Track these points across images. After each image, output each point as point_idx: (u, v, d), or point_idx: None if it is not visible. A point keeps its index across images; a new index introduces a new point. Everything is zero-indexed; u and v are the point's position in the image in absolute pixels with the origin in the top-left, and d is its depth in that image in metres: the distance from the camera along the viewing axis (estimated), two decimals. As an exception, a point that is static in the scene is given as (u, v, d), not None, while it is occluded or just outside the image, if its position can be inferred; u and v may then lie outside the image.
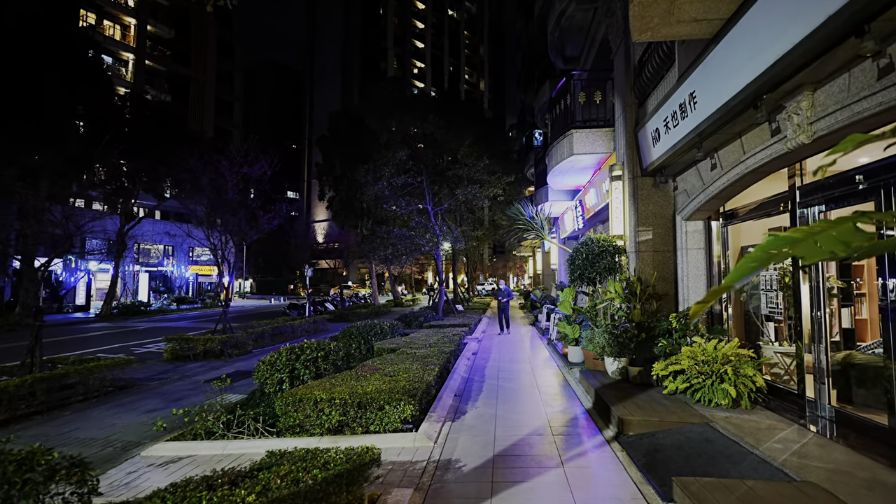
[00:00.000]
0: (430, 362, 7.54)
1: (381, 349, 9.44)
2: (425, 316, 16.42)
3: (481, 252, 45.55)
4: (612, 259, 7.88)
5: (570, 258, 8.40)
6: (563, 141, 10.02)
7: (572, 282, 8.35)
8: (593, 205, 11.57)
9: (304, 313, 22.98)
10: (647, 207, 7.89)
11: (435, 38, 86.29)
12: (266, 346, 14.22)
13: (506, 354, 11.08)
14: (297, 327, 16.42)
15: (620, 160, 8.52)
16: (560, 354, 10.21)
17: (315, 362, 7.27)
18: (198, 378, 9.94)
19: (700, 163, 6.72)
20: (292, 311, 22.48)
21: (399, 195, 17.50)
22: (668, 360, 6.20)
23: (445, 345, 9.48)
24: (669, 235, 7.83)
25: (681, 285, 7.54)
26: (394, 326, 11.53)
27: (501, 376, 8.61)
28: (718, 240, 7.25)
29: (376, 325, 11.10)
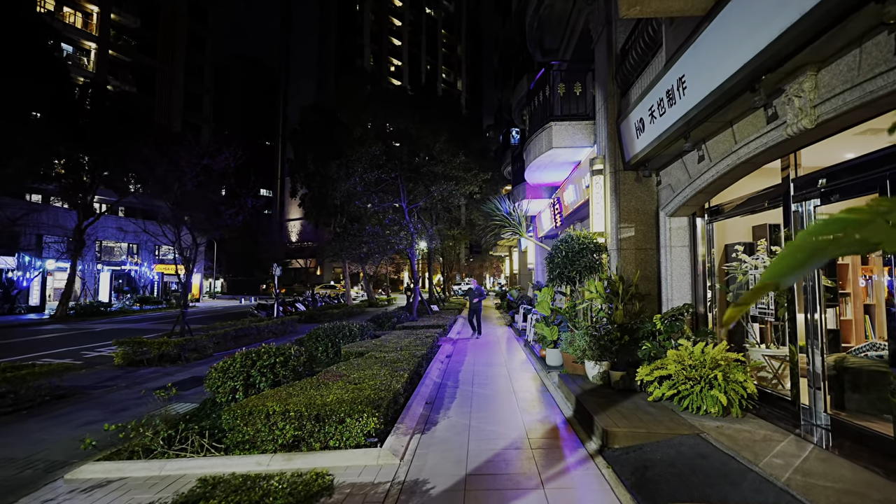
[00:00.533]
0: (400, 367, 6.99)
1: (349, 353, 8.85)
2: (399, 317, 15.84)
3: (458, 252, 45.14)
4: (592, 257, 7.48)
5: (548, 256, 7.97)
6: (541, 134, 9.60)
7: (551, 281, 7.92)
8: (572, 202, 11.20)
9: (273, 314, 22.10)
10: (630, 203, 7.51)
11: (412, 36, 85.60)
12: (229, 348, 13.41)
13: (481, 357, 10.60)
14: (263, 328, 15.62)
15: (601, 153, 8.13)
16: (538, 357, 9.79)
17: (273, 369, 6.63)
18: (148, 385, 9.16)
19: (686, 155, 6.36)
20: (260, 312, 21.57)
21: (372, 191, 16.87)
22: (654, 364, 5.80)
23: (417, 348, 8.94)
24: (652, 232, 7.47)
25: (664, 285, 7.18)
26: (364, 328, 10.93)
27: (476, 381, 8.12)
28: (703, 237, 6.91)
29: (345, 327, 10.48)
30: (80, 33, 40.64)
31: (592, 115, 9.10)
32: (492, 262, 66.07)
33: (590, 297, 7.17)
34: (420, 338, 10.45)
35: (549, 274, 7.92)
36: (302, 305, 25.08)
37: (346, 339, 10.30)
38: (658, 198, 7.43)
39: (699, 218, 6.97)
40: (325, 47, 75.95)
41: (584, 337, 6.76)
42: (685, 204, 6.61)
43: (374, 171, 16.57)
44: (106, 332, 19.42)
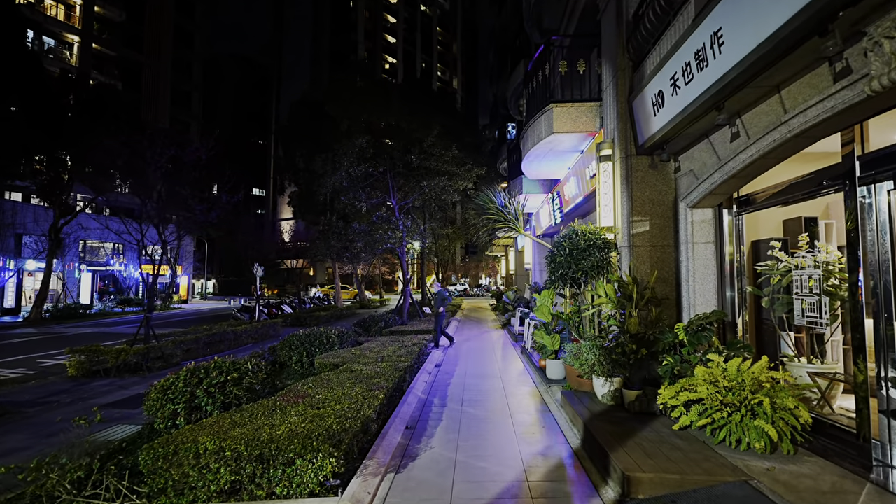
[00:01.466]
0: (376, 385, 5.95)
1: (323, 365, 7.81)
2: (387, 320, 14.80)
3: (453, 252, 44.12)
4: (600, 255, 6.46)
5: (549, 255, 6.95)
6: (540, 118, 8.58)
7: (552, 283, 6.90)
8: (573, 195, 10.19)
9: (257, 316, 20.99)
10: (643, 193, 6.50)
11: (407, 34, 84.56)
12: (200, 356, 12.34)
13: (474, 367, 9.57)
14: (241, 333, 14.54)
15: (610, 137, 7.12)
16: (536, 367, 8.76)
17: (223, 388, 5.58)
18: (97, 401, 8.08)
19: (715, 133, 5.35)
20: (243, 315, 20.46)
21: (359, 187, 15.82)
22: (679, 384, 4.79)
23: (401, 358, 7.90)
24: (670, 227, 6.46)
25: (685, 287, 6.17)
26: (343, 335, 9.88)
27: (467, 398, 7.09)
28: (732, 232, 5.91)
29: (321, 335, 9.43)
30: (63, 26, 39.36)
31: (598, 95, 8.09)
32: (487, 262, 65.09)
33: (599, 303, 6.15)
34: (406, 346, 9.42)
35: (550, 275, 6.90)
36: (289, 307, 23.97)
37: (322, 347, 9.25)
38: (677, 186, 6.42)
39: (726, 210, 5.96)
40: (318, 44, 74.83)
41: (593, 350, 5.74)
42: (712, 192, 5.59)
43: (362, 164, 15.52)
44: (79, 337, 18.30)
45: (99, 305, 33.13)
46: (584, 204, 9.75)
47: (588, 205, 9.53)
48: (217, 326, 16.49)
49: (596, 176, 7.80)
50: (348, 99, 18.34)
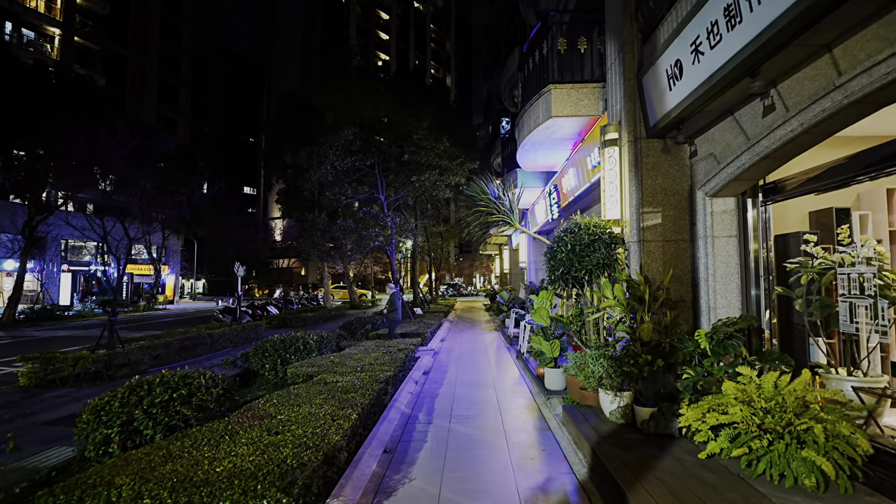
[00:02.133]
0: (351, 401, 5.17)
1: (296, 375, 7.00)
2: (375, 322, 13.99)
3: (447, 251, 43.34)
4: (607, 252, 5.70)
5: (548, 251, 6.18)
6: (537, 102, 7.81)
7: (552, 283, 6.13)
8: (572, 188, 9.44)
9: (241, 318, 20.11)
10: (655, 181, 5.74)
11: (400, 31, 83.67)
12: (171, 362, 11.49)
13: (465, 374, 8.80)
14: (218, 337, 13.68)
15: (615, 119, 6.36)
16: (534, 375, 7.99)
17: (168, 407, 4.77)
18: (44, 416, 7.24)
19: (743, 108, 4.60)
20: (226, 316, 19.56)
21: (345, 181, 14.99)
22: (704, 402, 4.04)
23: (383, 367, 7.11)
24: (685, 219, 5.71)
25: (703, 288, 5.42)
26: (323, 340, 9.06)
27: (457, 412, 6.31)
28: (757, 224, 5.17)
29: (298, 340, 8.61)
30: (43, 18, 38.19)
31: (601, 76, 7.33)
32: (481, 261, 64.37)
33: (605, 306, 5.38)
34: (391, 352, 8.63)
35: (549, 273, 6.13)
36: (275, 308, 23.08)
37: (298, 354, 8.44)
38: (693, 173, 5.67)
39: (750, 199, 5.22)
40: (309, 40, 73.72)
41: (600, 360, 4.97)
42: (736, 178, 4.84)
43: (348, 158, 14.70)
44: (49, 340, 17.36)
45: (79, 306, 32.06)
46: (584, 196, 9.01)
47: (590, 197, 8.79)
48: (195, 329, 15.64)
49: (600, 164, 7.04)
50: (336, 90, 17.51)
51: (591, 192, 8.50)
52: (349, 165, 14.61)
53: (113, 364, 9.97)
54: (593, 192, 8.41)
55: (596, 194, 8.31)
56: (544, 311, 6.77)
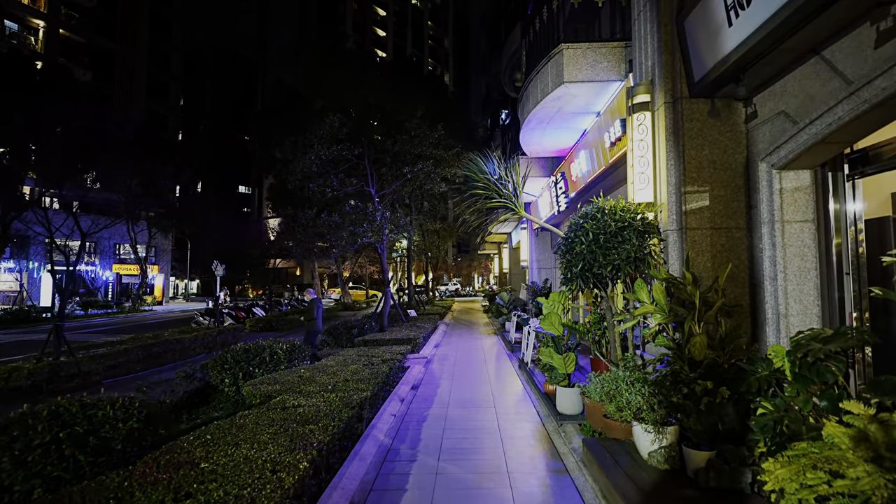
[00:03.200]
0: (308, 437, 3.92)
1: (254, 394, 5.75)
2: (363, 326, 12.72)
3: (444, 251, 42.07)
4: (639, 243, 4.45)
5: (564, 243, 4.92)
6: (546, 67, 6.56)
7: (567, 282, 4.87)
8: (584, 174, 8.19)
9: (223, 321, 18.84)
10: (700, 152, 4.50)
11: (397, 28, 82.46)
12: (130, 372, 10.24)
13: (461, 390, 7.54)
14: (190, 343, 12.42)
15: (645, 78, 5.11)
16: (541, 392, 6.73)
17: (48, 453, 3.48)
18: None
19: (835, 43, 3.36)
20: (207, 318, 18.28)
21: (331, 172, 13.72)
22: (795, 450, 2.80)
23: (360, 385, 5.85)
24: (739, 200, 4.47)
25: (767, 289, 4.17)
26: (294, 350, 7.78)
27: (448, 444, 5.06)
28: (842, 204, 3.93)
29: (265, 350, 7.34)
30: (27, 9, 36.85)
31: (623, 35, 6.09)
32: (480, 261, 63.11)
33: (641, 312, 4.13)
34: (374, 363, 7.37)
35: (563, 271, 4.87)
36: (261, 310, 21.80)
37: (264, 366, 7.18)
38: (751, 141, 4.43)
39: (831, 172, 3.98)
40: (305, 36, 72.39)
41: (638, 386, 3.72)
42: (823, 141, 3.60)
43: (334, 146, 13.43)
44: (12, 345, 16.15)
45: (62, 308, 30.77)
46: (599, 182, 7.76)
47: (606, 183, 7.55)
48: (167, 334, 14.38)
49: (621, 140, 5.80)
50: (324, 74, 16.28)
51: (609, 177, 7.26)
52: (335, 155, 13.32)
53: (59, 376, 8.71)
54: (611, 176, 7.16)
55: (613, 179, 7.08)
56: (556, 317, 5.51)
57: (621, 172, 6.95)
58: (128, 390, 7.26)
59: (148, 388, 7.59)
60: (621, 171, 6.91)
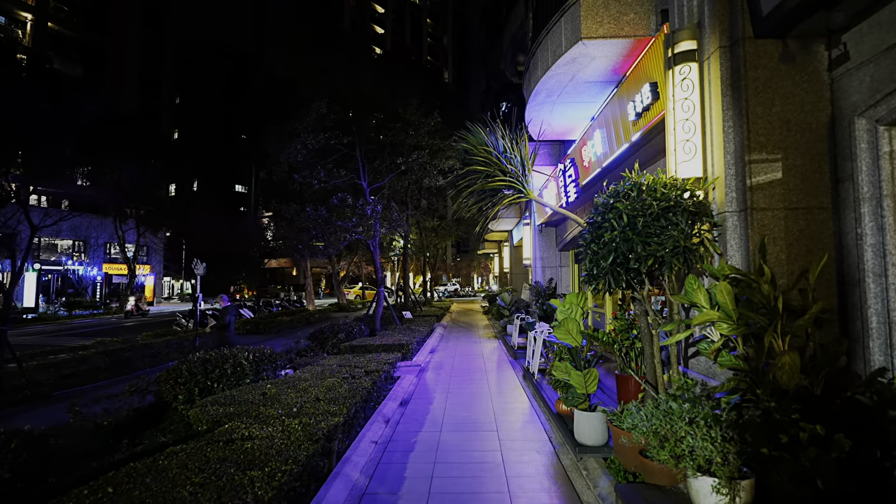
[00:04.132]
0: (241, 497, 2.84)
1: (200, 418, 4.69)
2: (352, 330, 11.60)
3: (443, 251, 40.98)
4: (689, 228, 3.37)
5: (590, 230, 3.83)
6: (558, 24, 5.49)
7: (592, 279, 3.78)
8: (599, 157, 7.12)
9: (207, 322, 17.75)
10: (770, 108, 3.43)
11: (396, 25, 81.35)
12: (89, 382, 9.13)
13: (457, 406, 6.45)
14: (162, 348, 11.34)
15: (690, 20, 4.03)
16: (552, 411, 5.65)
17: None
18: None
19: None
20: (189, 320, 17.17)
21: (318, 163, 12.64)
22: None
23: (332, 407, 4.77)
24: (823, 171, 3.40)
25: (869, 289, 3.10)
26: (262, 360, 6.68)
27: (439, 485, 3.98)
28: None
29: (227, 360, 6.26)
30: (13, 1, 35.73)
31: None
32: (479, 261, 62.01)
33: (701, 321, 3.04)
34: (355, 376, 6.30)
35: (587, 266, 3.79)
36: (248, 311, 20.70)
37: (226, 379, 6.10)
38: (839, 93, 3.35)
39: (957, 130, 2.91)
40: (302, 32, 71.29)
41: (706, 429, 2.64)
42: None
43: (321, 134, 12.36)
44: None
45: (44, 308, 29.68)
46: (616, 167, 6.70)
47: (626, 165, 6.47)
48: (141, 337, 13.31)
49: (650, 109, 4.74)
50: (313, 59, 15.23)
51: (630, 158, 6.19)
52: (323, 144, 12.24)
53: (1, 388, 7.64)
54: (634, 156, 6.09)
55: (639, 158, 6.00)
56: (573, 324, 4.43)
57: (648, 151, 5.89)
58: (82, 403, 6.21)
59: (95, 404, 6.52)
60: (648, 149, 5.84)
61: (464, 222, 30.51)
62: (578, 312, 4.55)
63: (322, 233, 11.91)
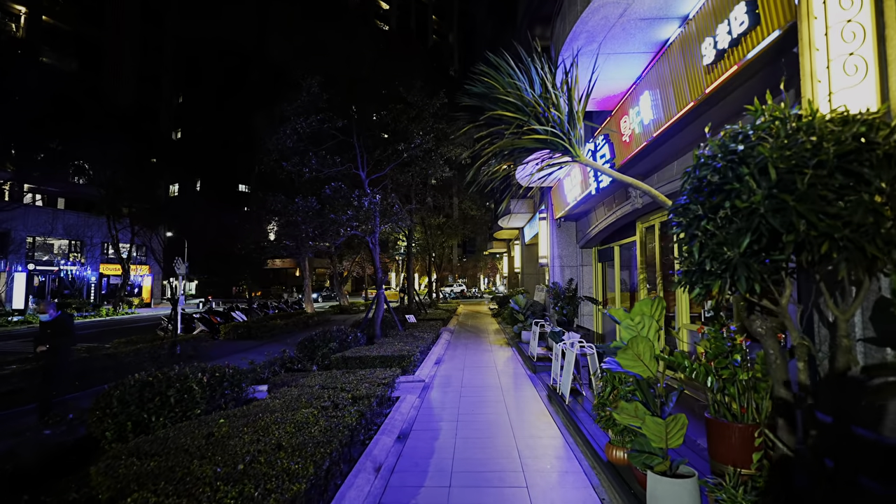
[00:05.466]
0: None
1: (102, 483, 3.26)
2: (347, 337, 10.14)
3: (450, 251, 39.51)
4: (890, 187, 1.90)
5: (684, 202, 2.36)
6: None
7: (698, 279, 2.32)
8: (648, 125, 5.65)
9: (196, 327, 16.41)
10: None
11: (401, 21, 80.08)
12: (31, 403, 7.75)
13: (470, 445, 4.98)
14: (129, 358, 9.96)
15: None
16: (601, 456, 4.18)
17: None
18: None
19: None
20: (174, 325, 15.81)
21: (310, 149, 11.24)
22: None
23: (294, 462, 3.32)
24: None
25: None
26: (220, 383, 5.24)
27: None
28: None
29: (173, 383, 4.83)
30: (5, -6, 34.72)
31: None
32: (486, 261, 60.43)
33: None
34: (340, 403, 4.86)
35: (695, 259, 2.31)
36: (241, 314, 19.32)
37: (167, 410, 4.67)
38: None
39: None
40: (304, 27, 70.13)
41: None
42: None
43: (314, 116, 10.97)
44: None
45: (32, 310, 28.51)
46: (671, 136, 5.23)
47: (685, 137, 5.03)
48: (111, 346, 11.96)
49: (750, 34, 3.29)
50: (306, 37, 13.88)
51: (694, 123, 4.73)
52: (315, 128, 10.84)
53: None
54: (700, 120, 4.63)
55: (710, 120, 4.54)
56: (647, 345, 2.97)
57: (724, 110, 4.42)
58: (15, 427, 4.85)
59: (20, 434, 5.16)
60: (724, 107, 4.37)
61: (470, 220, 29.06)
62: (653, 329, 3.09)
63: (314, 227, 10.49)
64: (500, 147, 3.07)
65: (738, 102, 4.18)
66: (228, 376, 5.33)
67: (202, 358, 12.34)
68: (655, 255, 7.97)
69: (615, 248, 10.37)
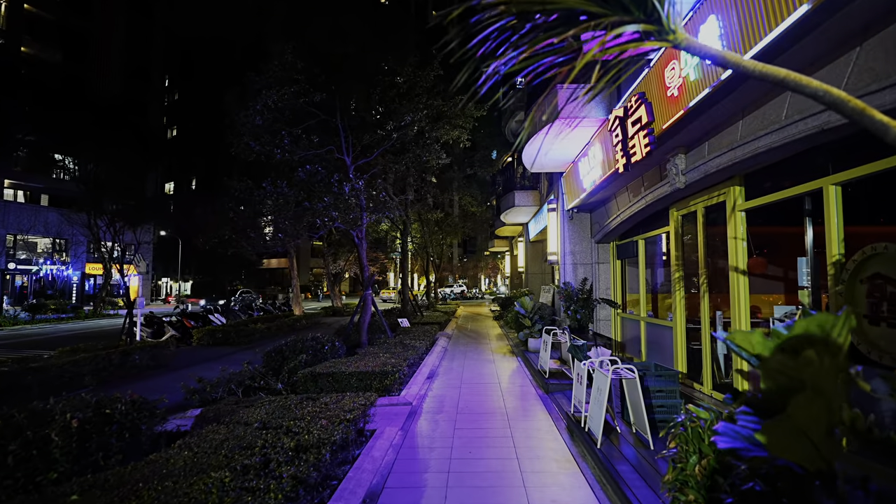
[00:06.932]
0: None
1: None
2: (320, 347, 8.53)
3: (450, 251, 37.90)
4: None
5: None
6: None
7: None
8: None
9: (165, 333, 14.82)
10: None
11: None
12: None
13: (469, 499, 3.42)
14: (66, 370, 8.39)
15: None
16: None
17: None
18: None
19: None
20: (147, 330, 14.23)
21: (282, 127, 9.66)
22: None
23: None
24: None
25: None
26: (96, 430, 3.68)
27: None
28: None
29: (22, 432, 3.26)
30: (-15, -19, 33.18)
31: None
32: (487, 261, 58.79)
33: None
34: (278, 455, 3.29)
35: None
36: (221, 317, 17.73)
37: (3, 473, 3.09)
38: None
39: None
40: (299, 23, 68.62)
41: None
42: None
43: (288, 88, 9.39)
44: None
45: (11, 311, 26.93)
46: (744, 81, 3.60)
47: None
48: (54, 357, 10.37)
49: None
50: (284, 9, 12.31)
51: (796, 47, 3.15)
52: (289, 102, 9.27)
53: None
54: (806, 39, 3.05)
55: (829, 33, 2.96)
56: (819, 410, 1.41)
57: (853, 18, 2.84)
58: None
59: None
60: None
61: (470, 218, 27.47)
62: (830, 371, 1.50)
63: (285, 217, 8.90)
64: (549, 36, 1.48)
65: None
66: (121, 415, 3.75)
67: (162, 368, 10.79)
68: (698, 248, 6.40)
69: (639, 243, 8.80)
